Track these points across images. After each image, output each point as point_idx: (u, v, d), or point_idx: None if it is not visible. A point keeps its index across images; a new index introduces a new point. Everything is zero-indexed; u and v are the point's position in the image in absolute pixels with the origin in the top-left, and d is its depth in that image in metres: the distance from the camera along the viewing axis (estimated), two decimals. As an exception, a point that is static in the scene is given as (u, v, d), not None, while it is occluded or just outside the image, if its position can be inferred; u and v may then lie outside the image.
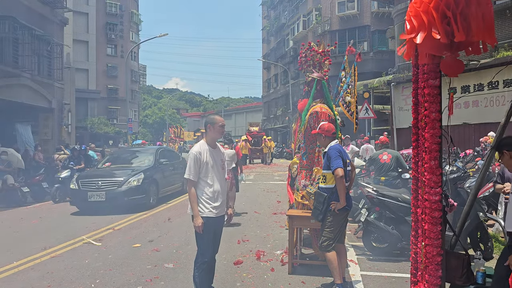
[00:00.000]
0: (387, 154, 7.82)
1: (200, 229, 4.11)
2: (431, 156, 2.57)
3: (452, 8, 2.07)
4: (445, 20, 2.09)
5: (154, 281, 5.26)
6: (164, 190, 12.01)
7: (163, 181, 11.93)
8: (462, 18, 2.08)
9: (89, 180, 10.58)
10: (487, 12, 2.09)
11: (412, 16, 2.19)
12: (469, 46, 2.27)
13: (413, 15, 2.18)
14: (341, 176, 4.53)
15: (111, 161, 12.43)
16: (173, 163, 13.11)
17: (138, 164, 11.74)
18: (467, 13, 2.07)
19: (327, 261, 4.77)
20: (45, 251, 6.81)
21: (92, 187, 10.32)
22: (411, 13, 2.20)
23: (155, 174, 11.47)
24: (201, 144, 4.32)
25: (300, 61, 6.49)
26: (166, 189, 12.26)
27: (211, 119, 4.36)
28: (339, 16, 32.19)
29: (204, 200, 4.20)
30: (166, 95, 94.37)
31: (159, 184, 11.53)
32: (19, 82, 16.29)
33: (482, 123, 13.54)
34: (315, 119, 5.65)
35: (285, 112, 43.04)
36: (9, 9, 15.51)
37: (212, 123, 4.30)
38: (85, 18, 43.51)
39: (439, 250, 2.58)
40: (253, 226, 8.53)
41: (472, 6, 2.07)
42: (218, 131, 4.33)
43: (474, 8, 2.08)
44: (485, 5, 2.10)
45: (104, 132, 39.95)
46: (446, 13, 2.08)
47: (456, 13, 2.07)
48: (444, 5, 2.08)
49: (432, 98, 2.55)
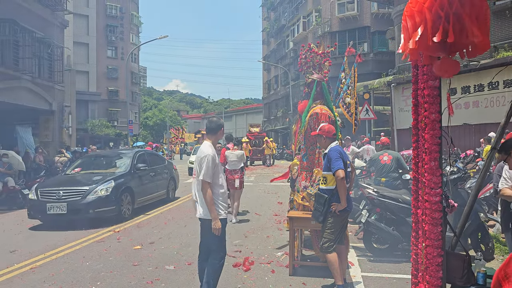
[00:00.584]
0: (388, 155, 7.81)
1: (220, 232, 4.18)
2: (431, 157, 2.57)
3: (446, 8, 2.06)
4: (439, 20, 2.09)
5: (155, 283, 5.26)
6: (142, 199, 10.52)
7: (141, 189, 10.45)
8: (455, 19, 2.08)
9: (49, 189, 9.12)
10: (481, 13, 2.09)
11: (407, 16, 2.19)
12: (464, 48, 2.27)
13: (408, 15, 2.18)
14: (342, 177, 4.54)
15: (82, 166, 10.79)
16: (156, 168, 11.65)
17: (112, 170, 10.26)
18: (460, 13, 2.06)
19: (328, 262, 4.78)
20: (45, 253, 6.81)
21: (52, 198, 8.84)
22: (406, 13, 2.21)
23: (130, 182, 9.95)
24: (211, 146, 4.38)
25: (300, 63, 6.50)
26: (145, 198, 10.74)
27: (222, 122, 4.61)
28: (339, 17, 32.21)
29: (220, 201, 4.27)
30: (167, 97, 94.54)
31: (135, 192, 10.00)
32: (19, 85, 16.31)
33: (483, 124, 13.54)
34: (315, 120, 5.65)
35: (286, 113, 43.05)
36: (9, 12, 15.53)
37: (223, 126, 4.57)
38: (85, 20, 43.55)
39: (440, 251, 2.58)
40: (254, 228, 8.52)
41: (466, 7, 2.07)
42: (223, 133, 4.64)
43: (468, 9, 2.07)
44: (479, 6, 2.09)
45: (104, 134, 39.97)
46: (439, 13, 2.07)
47: (450, 14, 2.07)
48: (438, 6, 2.07)
49: (432, 99, 2.55)
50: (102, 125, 41.21)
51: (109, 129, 41.61)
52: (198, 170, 4.27)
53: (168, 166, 12.88)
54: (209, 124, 4.52)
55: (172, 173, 12.87)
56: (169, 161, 13.83)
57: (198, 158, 4.29)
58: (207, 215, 4.21)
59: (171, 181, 12.74)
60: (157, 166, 11.82)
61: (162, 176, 11.92)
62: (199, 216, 4.32)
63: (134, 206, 10.01)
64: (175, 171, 13.27)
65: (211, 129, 4.47)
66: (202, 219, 4.30)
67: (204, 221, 4.30)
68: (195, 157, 4.42)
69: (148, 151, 12.90)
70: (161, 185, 11.84)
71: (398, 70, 19.31)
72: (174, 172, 13.17)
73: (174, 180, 13.05)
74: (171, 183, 12.65)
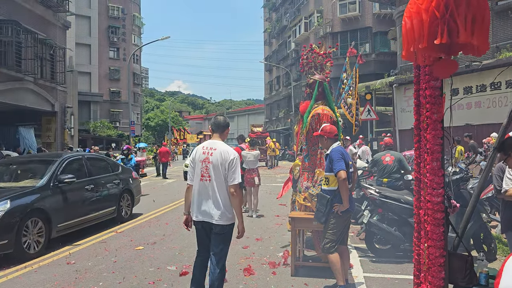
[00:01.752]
0: (390, 156, 7.80)
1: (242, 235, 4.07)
2: (433, 157, 2.56)
3: (441, 10, 2.06)
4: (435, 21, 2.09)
5: (157, 284, 5.27)
6: (67, 224, 7.60)
7: (66, 210, 7.59)
8: (451, 20, 2.08)
9: None
10: (478, 14, 2.08)
11: (406, 17, 2.19)
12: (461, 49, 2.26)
13: (407, 16, 2.18)
14: (343, 178, 4.54)
15: None
16: (98, 179, 8.82)
17: (22, 184, 7.43)
18: (456, 15, 2.06)
19: (330, 263, 4.77)
20: (48, 254, 6.82)
21: None
22: (406, 15, 2.21)
23: (44, 200, 7.07)
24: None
25: (302, 63, 6.50)
26: (74, 221, 7.81)
27: (228, 122, 4.29)
28: (341, 18, 32.20)
29: None
30: (169, 98, 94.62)
31: (52, 216, 7.08)
32: (22, 86, 16.36)
33: (485, 124, 13.53)
34: (317, 121, 5.66)
35: (287, 114, 43.07)
36: (12, 13, 15.59)
37: (229, 126, 4.29)
38: (87, 22, 43.69)
39: (442, 251, 2.57)
40: (256, 228, 8.53)
41: (461, 7, 2.06)
42: (227, 133, 4.28)
43: (463, 9, 2.06)
44: (476, 7, 2.09)
45: (106, 135, 40.04)
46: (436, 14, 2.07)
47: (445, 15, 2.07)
48: (434, 7, 2.07)
49: (434, 99, 2.54)
50: (104, 126, 41.30)
51: (111, 130, 41.70)
52: (222, 171, 3.91)
53: (123, 175, 9.91)
54: (217, 121, 4.18)
55: (128, 184, 9.93)
56: (127, 168, 11.05)
57: (222, 158, 3.91)
58: (226, 219, 3.94)
59: (126, 194, 9.78)
60: (101, 176, 9.05)
61: (109, 189, 9.06)
62: (212, 221, 3.94)
63: (51, 234, 7.12)
64: (133, 182, 10.29)
65: (220, 126, 4.15)
66: (217, 224, 3.93)
67: (219, 227, 3.95)
68: (215, 156, 3.95)
69: (90, 155, 10.15)
70: (107, 201, 8.95)
71: (400, 71, 19.30)
72: (132, 182, 10.19)
73: (131, 192, 10.03)
74: (125, 197, 9.72)
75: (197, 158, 4.04)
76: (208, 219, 3.96)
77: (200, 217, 4.01)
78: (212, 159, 3.94)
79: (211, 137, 4.21)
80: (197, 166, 4.02)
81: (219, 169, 3.91)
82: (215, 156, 3.94)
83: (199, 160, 4.02)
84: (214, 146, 4.02)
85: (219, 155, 3.93)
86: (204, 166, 3.96)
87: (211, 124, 4.23)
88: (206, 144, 4.11)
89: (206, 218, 3.97)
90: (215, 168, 3.92)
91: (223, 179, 3.93)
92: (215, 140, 4.10)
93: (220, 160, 3.92)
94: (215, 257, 4.00)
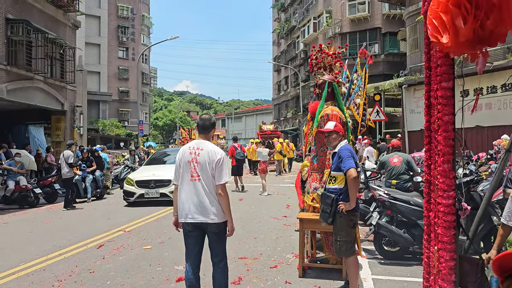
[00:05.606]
0: (398, 157, 7.75)
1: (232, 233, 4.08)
2: (444, 159, 2.53)
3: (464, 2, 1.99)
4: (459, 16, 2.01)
5: (165, 283, 5.27)
6: None
7: None
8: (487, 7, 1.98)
9: None
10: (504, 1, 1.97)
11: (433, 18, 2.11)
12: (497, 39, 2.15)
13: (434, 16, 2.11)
14: (354, 177, 4.35)
15: None
16: None
17: None
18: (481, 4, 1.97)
19: (347, 266, 4.62)
20: (57, 252, 6.87)
21: None
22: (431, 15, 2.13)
23: None
24: None
25: (311, 64, 6.47)
26: None
27: (214, 120, 4.24)
28: (350, 19, 32.05)
29: None
30: (177, 98, 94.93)
31: None
32: (32, 85, 16.49)
33: (496, 126, 13.38)
34: (326, 121, 5.62)
35: (296, 114, 42.95)
36: (23, 13, 15.72)
37: (215, 125, 4.26)
38: (97, 21, 43.98)
39: (453, 254, 2.54)
40: (263, 229, 8.50)
41: None
42: (213, 133, 4.28)
43: None
44: None
45: (115, 134, 40.28)
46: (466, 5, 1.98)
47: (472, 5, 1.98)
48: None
49: (445, 100, 2.51)
50: (113, 125, 41.53)
51: (119, 129, 41.91)
52: (210, 171, 3.88)
53: None
54: (202, 122, 4.09)
55: None
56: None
57: (209, 158, 3.88)
58: (222, 217, 3.92)
59: None
60: None
61: None
62: (207, 221, 3.88)
63: None
64: None
65: (205, 128, 4.08)
66: (212, 223, 3.89)
67: (214, 225, 3.91)
68: (202, 156, 3.91)
69: None
70: None
71: (409, 71, 19.16)
72: None
73: None
74: None
75: (184, 159, 3.98)
76: (202, 219, 3.90)
77: (191, 218, 3.93)
78: (199, 159, 3.91)
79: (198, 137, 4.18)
80: (185, 166, 3.96)
81: (207, 169, 3.89)
82: (202, 157, 3.91)
83: (186, 161, 3.96)
84: (201, 146, 3.98)
85: (206, 155, 3.91)
86: (192, 166, 3.92)
87: (196, 124, 4.20)
88: (193, 144, 4.05)
89: (200, 218, 3.90)
90: (203, 168, 3.89)
91: (212, 178, 3.91)
92: (201, 140, 4.07)
93: (207, 160, 3.89)
94: (217, 257, 4.03)
